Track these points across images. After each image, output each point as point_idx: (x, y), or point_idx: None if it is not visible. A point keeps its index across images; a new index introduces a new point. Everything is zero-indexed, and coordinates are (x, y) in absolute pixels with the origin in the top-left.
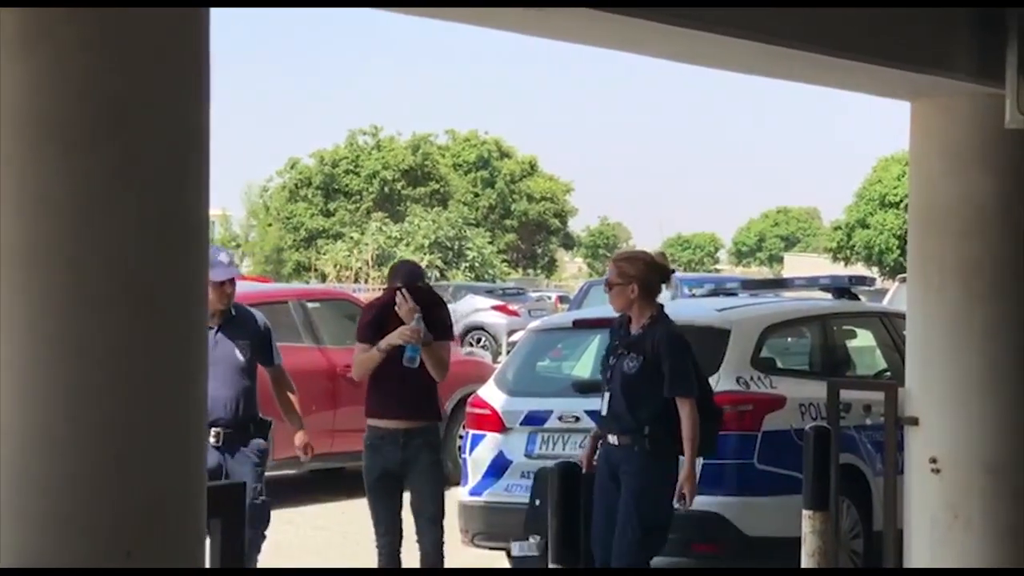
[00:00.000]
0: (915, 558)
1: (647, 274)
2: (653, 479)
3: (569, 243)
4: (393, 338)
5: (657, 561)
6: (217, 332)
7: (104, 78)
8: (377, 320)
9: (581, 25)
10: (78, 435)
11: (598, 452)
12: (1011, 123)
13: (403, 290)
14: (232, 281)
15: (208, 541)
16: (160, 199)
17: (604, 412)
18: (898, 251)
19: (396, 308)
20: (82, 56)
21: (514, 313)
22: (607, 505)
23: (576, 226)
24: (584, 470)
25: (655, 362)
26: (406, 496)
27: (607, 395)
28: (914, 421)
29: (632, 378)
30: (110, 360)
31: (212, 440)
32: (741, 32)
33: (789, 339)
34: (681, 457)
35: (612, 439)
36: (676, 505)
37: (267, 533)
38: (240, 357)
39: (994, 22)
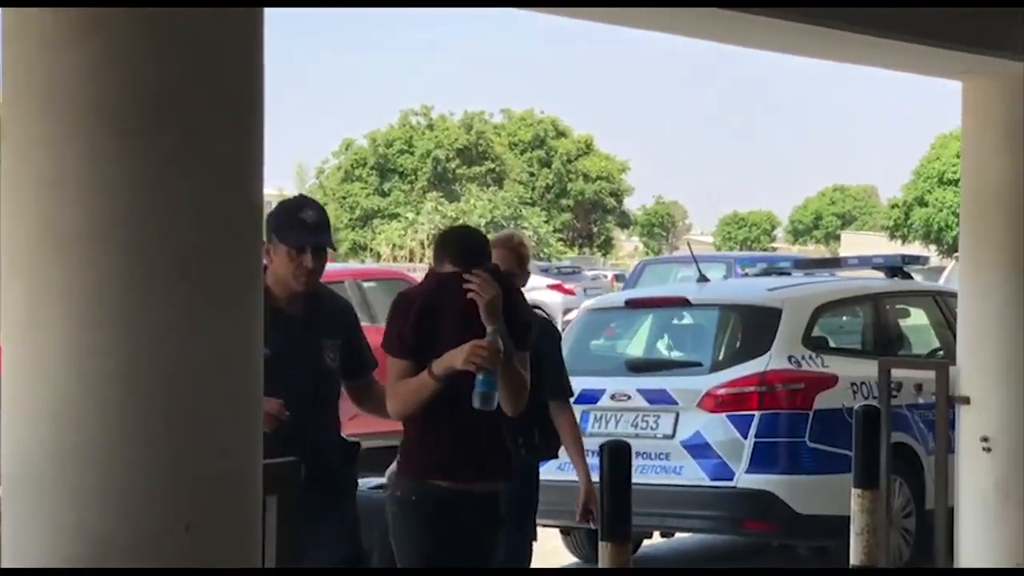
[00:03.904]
0: (965, 537)
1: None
2: (532, 484)
3: (625, 222)
4: (455, 359)
5: (708, 539)
6: (296, 326)
7: (159, 62)
8: (422, 321)
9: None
10: (137, 415)
11: None
12: None
13: (478, 272)
14: (319, 252)
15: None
16: (216, 183)
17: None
18: (957, 229)
19: (474, 294)
20: (137, 40)
21: (570, 292)
22: None
23: (632, 205)
24: None
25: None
26: None
27: None
28: (966, 400)
29: None
30: (169, 343)
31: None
32: (792, 15)
33: (841, 318)
34: (561, 463)
35: None
36: (580, 523)
37: None
38: (328, 363)
39: None
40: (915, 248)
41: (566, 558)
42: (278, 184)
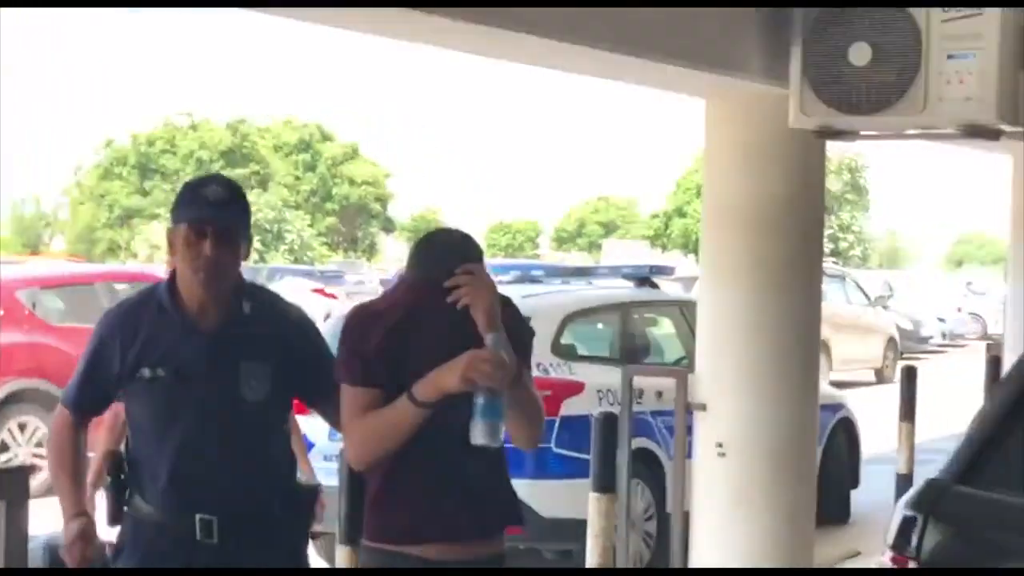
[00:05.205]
0: (700, 539)
1: None
2: None
3: (390, 227)
4: (447, 378)
5: None
6: (206, 343)
7: None
8: (393, 338)
9: (381, 19)
10: None
11: None
12: (795, 123)
13: (469, 268)
14: (225, 238)
15: None
16: None
17: None
18: None
19: (467, 296)
20: None
21: (332, 296)
22: None
23: (399, 211)
24: None
25: None
26: None
27: None
28: (702, 407)
29: None
30: None
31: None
32: (534, 30)
33: (590, 326)
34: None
35: None
36: None
37: None
38: (247, 392)
39: (780, 24)
40: (674, 257)
41: (315, 561)
42: (36, 183)
